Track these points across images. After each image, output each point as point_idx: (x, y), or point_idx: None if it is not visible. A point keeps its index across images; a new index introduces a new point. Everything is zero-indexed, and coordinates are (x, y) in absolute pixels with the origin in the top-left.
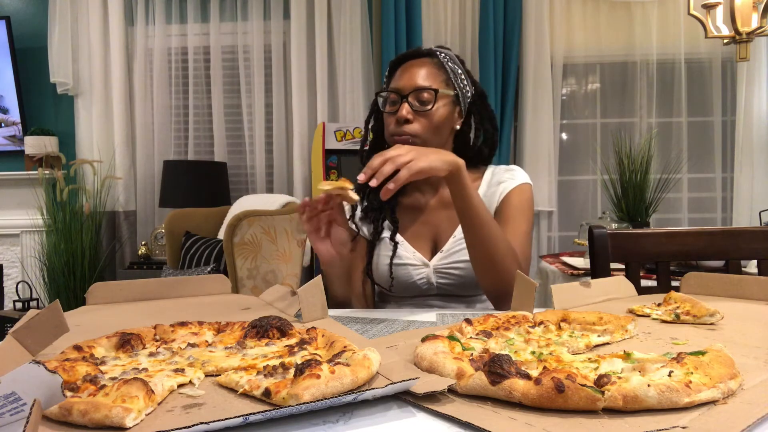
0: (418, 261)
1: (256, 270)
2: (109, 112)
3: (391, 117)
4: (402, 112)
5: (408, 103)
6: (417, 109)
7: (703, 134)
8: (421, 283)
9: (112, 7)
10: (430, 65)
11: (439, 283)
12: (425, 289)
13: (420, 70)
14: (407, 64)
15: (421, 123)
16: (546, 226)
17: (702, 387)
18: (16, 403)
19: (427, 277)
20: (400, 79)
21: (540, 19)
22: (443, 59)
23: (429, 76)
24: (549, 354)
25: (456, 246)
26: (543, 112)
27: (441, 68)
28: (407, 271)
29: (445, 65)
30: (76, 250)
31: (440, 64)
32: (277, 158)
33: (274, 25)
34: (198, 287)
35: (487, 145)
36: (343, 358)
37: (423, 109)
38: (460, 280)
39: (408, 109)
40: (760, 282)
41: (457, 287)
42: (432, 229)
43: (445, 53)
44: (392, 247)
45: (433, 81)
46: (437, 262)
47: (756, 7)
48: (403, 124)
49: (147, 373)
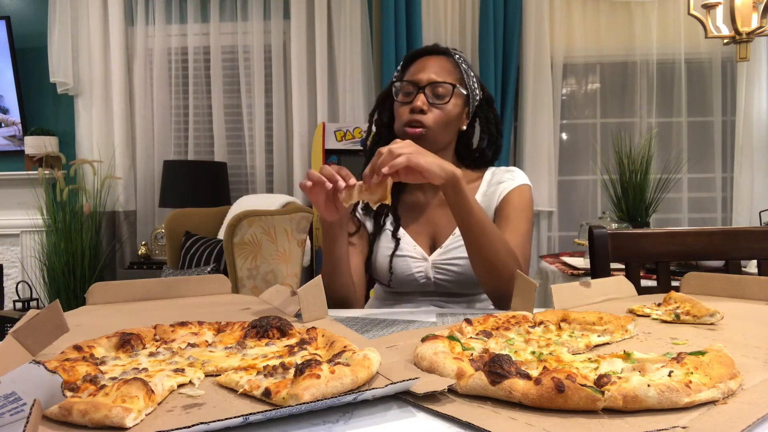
0: (418, 254)
1: (256, 270)
2: (109, 112)
3: (405, 107)
4: (417, 102)
5: (424, 94)
6: (432, 102)
7: (703, 134)
8: (419, 277)
9: (112, 7)
10: (447, 62)
11: (436, 278)
12: (423, 284)
13: (437, 64)
14: (424, 59)
15: (435, 115)
16: (546, 226)
17: (702, 387)
18: (16, 403)
19: (426, 271)
20: (417, 72)
21: (540, 19)
22: (458, 59)
23: (445, 72)
24: (549, 354)
25: (454, 243)
26: (543, 112)
27: (456, 67)
28: (407, 264)
29: (460, 65)
30: (76, 250)
31: (455, 63)
32: (277, 158)
33: (274, 25)
34: (198, 287)
35: (490, 149)
36: (343, 358)
37: (438, 102)
38: (458, 277)
39: (423, 99)
40: (760, 282)
41: (454, 284)
42: (432, 227)
43: (460, 54)
44: (394, 242)
45: (449, 77)
46: (436, 258)
47: (756, 7)
48: (418, 113)
49: (147, 373)
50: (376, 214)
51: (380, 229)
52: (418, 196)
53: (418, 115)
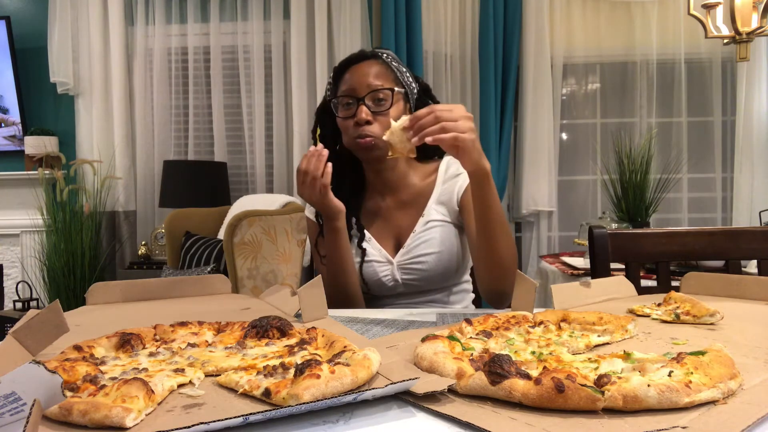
0: (383, 258)
1: (256, 270)
2: (109, 112)
3: (349, 121)
4: (361, 115)
5: (365, 105)
6: (374, 110)
7: (703, 134)
8: (387, 280)
9: (112, 7)
10: (378, 66)
11: (404, 279)
12: (392, 287)
13: (370, 71)
14: (355, 67)
15: (381, 123)
16: (546, 226)
17: (702, 387)
18: (16, 403)
19: (392, 273)
20: (351, 82)
21: (540, 19)
22: (386, 59)
23: (380, 76)
24: (549, 354)
25: (416, 241)
26: (543, 112)
27: (388, 68)
28: (373, 269)
29: (390, 65)
30: (76, 250)
31: (386, 64)
32: (277, 158)
33: (274, 25)
34: (198, 287)
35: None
36: (343, 358)
37: (380, 109)
38: (424, 275)
39: (366, 110)
40: (760, 282)
41: (422, 282)
42: (394, 229)
43: (387, 53)
44: (360, 251)
45: (384, 80)
46: (400, 258)
47: (756, 7)
48: (364, 125)
49: (147, 373)
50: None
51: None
52: (377, 201)
53: (365, 127)
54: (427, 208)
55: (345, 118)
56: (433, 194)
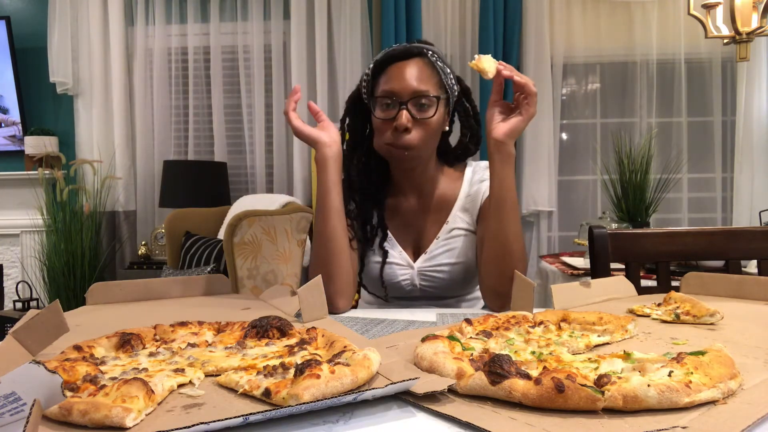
0: (404, 261)
1: (256, 270)
2: (109, 112)
3: (386, 124)
4: (402, 120)
5: (407, 109)
6: (416, 117)
7: (703, 134)
8: (405, 284)
9: (112, 7)
10: (424, 66)
11: (422, 285)
12: (408, 291)
13: (414, 71)
14: (399, 65)
15: (420, 132)
16: (546, 226)
17: (702, 387)
18: (16, 403)
19: (411, 278)
20: (394, 81)
21: (540, 19)
22: (432, 58)
23: (425, 79)
24: (549, 354)
25: (439, 248)
26: (543, 112)
27: (433, 69)
28: (393, 271)
29: (435, 65)
30: (76, 250)
31: (431, 64)
32: (277, 158)
33: (274, 25)
34: (198, 287)
35: (472, 142)
36: (343, 358)
37: (423, 116)
38: (443, 283)
39: (408, 116)
40: (760, 282)
41: (439, 289)
42: (416, 232)
43: (433, 51)
44: (382, 253)
45: (429, 84)
46: (421, 264)
47: (756, 7)
48: (403, 132)
49: (147, 373)
50: (364, 224)
51: (370, 242)
52: (400, 201)
53: (403, 135)
54: (451, 214)
55: (383, 120)
56: (458, 200)
